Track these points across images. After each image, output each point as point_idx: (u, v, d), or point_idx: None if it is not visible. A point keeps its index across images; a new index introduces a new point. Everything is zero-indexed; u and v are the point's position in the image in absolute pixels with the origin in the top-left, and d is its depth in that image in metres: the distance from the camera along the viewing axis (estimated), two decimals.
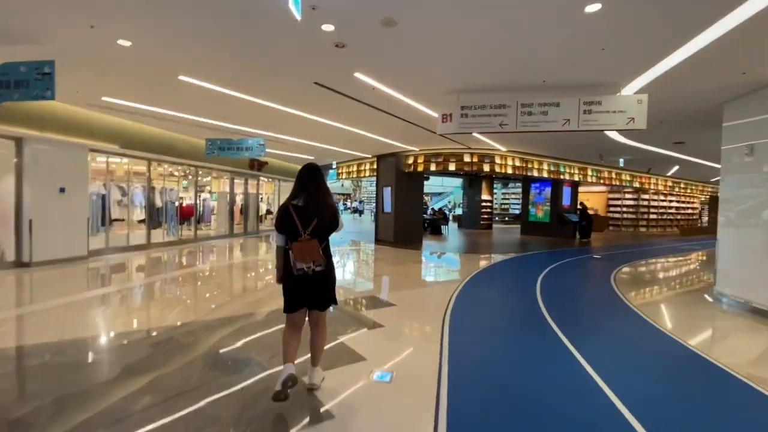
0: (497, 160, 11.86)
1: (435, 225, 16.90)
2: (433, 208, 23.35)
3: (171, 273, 7.82)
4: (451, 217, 23.92)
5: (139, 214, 10.70)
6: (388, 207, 12.62)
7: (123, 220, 10.38)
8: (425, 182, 13.70)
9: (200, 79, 5.47)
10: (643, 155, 11.72)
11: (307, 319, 2.76)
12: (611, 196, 23.60)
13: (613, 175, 16.65)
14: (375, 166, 13.88)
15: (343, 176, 16.22)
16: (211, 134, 9.36)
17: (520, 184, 28.12)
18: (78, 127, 7.75)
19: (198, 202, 15.10)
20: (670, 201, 24.78)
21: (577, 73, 4.82)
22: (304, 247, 2.48)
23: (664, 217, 24.62)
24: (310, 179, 2.63)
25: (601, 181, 16.19)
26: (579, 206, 17.14)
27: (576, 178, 14.78)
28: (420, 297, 5.95)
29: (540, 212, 17.90)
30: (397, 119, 7.52)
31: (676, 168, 15.56)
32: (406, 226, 12.49)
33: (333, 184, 53.62)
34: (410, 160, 12.39)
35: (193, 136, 10.22)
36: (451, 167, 11.70)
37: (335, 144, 11.23)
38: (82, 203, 8.06)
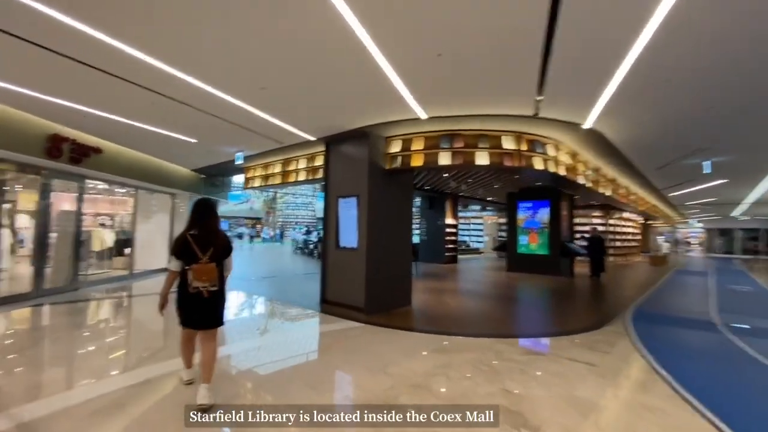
0: (549, 152, 6.55)
1: None
2: None
3: None
4: None
5: None
6: (350, 238, 6.36)
7: None
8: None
9: None
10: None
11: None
12: (577, 220, 20.50)
13: (629, 192, 12.81)
14: (321, 163, 7.58)
15: (257, 182, 9.46)
16: None
17: (477, 207, 24.28)
18: None
19: None
20: (628, 225, 22.70)
21: None
22: (203, 269, 2.83)
23: (626, 244, 22.32)
24: (205, 212, 3.00)
25: (622, 200, 12.12)
26: (590, 232, 12.87)
27: (608, 193, 10.29)
28: None
29: (534, 241, 13.23)
30: None
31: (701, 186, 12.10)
32: (390, 276, 6.34)
33: (240, 206, 44.33)
34: (396, 147, 6.43)
35: None
36: (480, 159, 6.02)
37: (242, 92, 4.78)
38: None
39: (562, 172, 6.97)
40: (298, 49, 3.61)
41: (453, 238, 16.37)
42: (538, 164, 6.30)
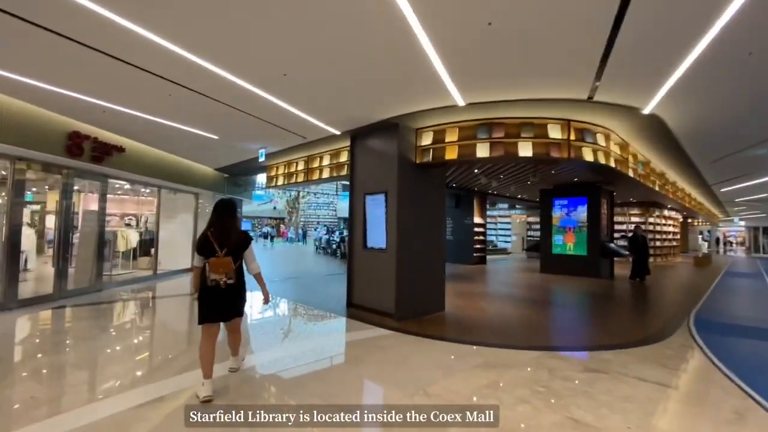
0: (600, 141, 5.90)
1: None
2: None
3: None
4: None
5: None
6: (378, 238, 5.92)
7: None
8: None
9: None
10: None
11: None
12: (616, 219, 19.34)
13: (677, 189, 11.82)
14: (346, 159, 7.20)
15: (280, 181, 9.18)
16: None
17: (505, 205, 23.42)
18: None
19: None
20: (669, 224, 21.28)
21: None
22: (218, 262, 3.01)
23: (666, 243, 20.94)
24: (223, 211, 3.19)
25: (670, 196, 11.17)
26: (632, 231, 11.97)
27: (656, 188, 9.44)
28: None
29: (571, 241, 12.41)
30: None
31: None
32: (422, 279, 5.88)
33: (264, 206, 44.80)
34: (427, 139, 5.94)
35: None
36: (523, 150, 5.44)
37: (262, 80, 4.41)
38: None
39: (612, 164, 6.30)
40: (320, 23, 3.18)
41: (481, 237, 15.68)
42: (587, 155, 5.67)
